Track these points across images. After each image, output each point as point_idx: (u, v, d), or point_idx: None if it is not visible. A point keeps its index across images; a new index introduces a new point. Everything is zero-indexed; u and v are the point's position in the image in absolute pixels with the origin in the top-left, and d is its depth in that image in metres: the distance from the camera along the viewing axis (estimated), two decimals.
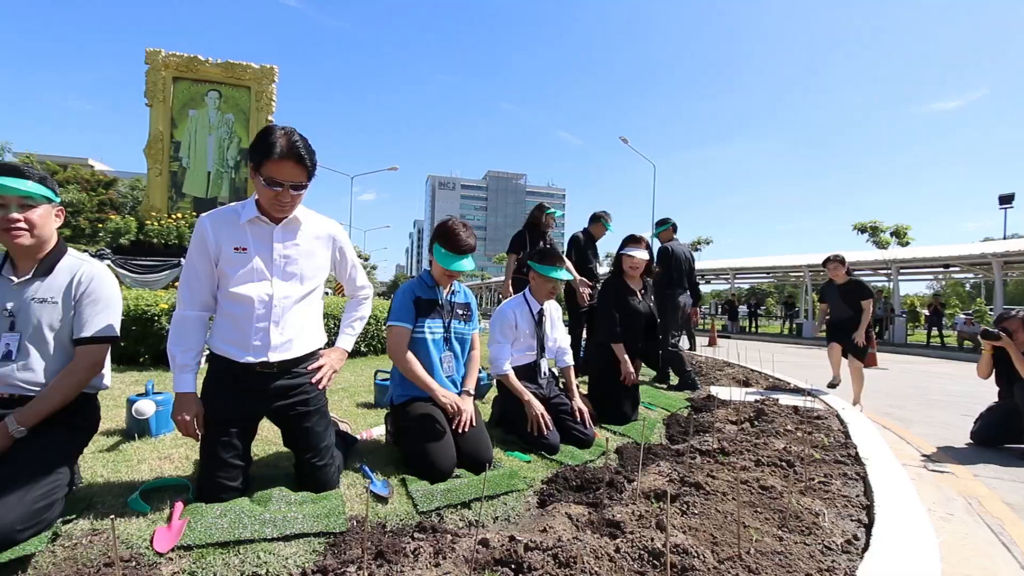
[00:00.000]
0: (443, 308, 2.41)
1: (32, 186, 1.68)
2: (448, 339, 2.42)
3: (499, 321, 2.83)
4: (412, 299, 2.36)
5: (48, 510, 1.54)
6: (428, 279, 2.45)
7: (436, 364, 2.35)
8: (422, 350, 2.33)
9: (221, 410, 1.80)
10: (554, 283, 2.89)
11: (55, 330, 1.73)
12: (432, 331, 2.36)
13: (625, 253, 3.42)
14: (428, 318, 2.35)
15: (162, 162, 7.39)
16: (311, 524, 1.69)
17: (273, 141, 1.69)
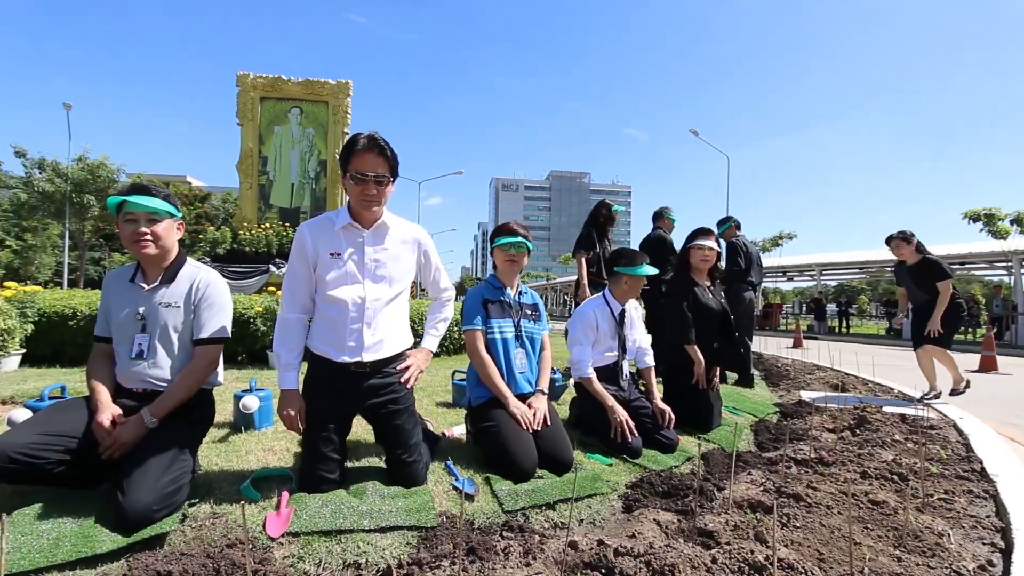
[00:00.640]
0: (511, 307, 2.47)
1: (157, 203, 1.87)
2: (519, 337, 2.46)
3: (580, 322, 2.80)
4: (480, 302, 2.44)
5: (177, 493, 1.71)
6: (494, 281, 2.53)
7: (511, 361, 2.41)
8: (495, 349, 2.40)
9: (320, 407, 1.91)
10: (641, 281, 2.85)
11: (178, 331, 1.91)
12: (503, 330, 2.42)
13: (695, 245, 3.25)
14: (498, 318, 2.43)
15: (252, 176, 8.01)
16: (404, 518, 1.75)
17: (356, 138, 1.87)
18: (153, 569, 1.45)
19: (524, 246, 2.45)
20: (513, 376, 2.40)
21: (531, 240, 2.49)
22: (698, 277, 3.29)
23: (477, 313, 2.41)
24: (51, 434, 1.70)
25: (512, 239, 2.42)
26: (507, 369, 2.40)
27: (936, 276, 4.18)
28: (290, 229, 7.74)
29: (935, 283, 4.17)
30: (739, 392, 4.13)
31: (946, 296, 4.12)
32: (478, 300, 2.45)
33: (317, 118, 8.01)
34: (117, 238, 31.47)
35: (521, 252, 2.44)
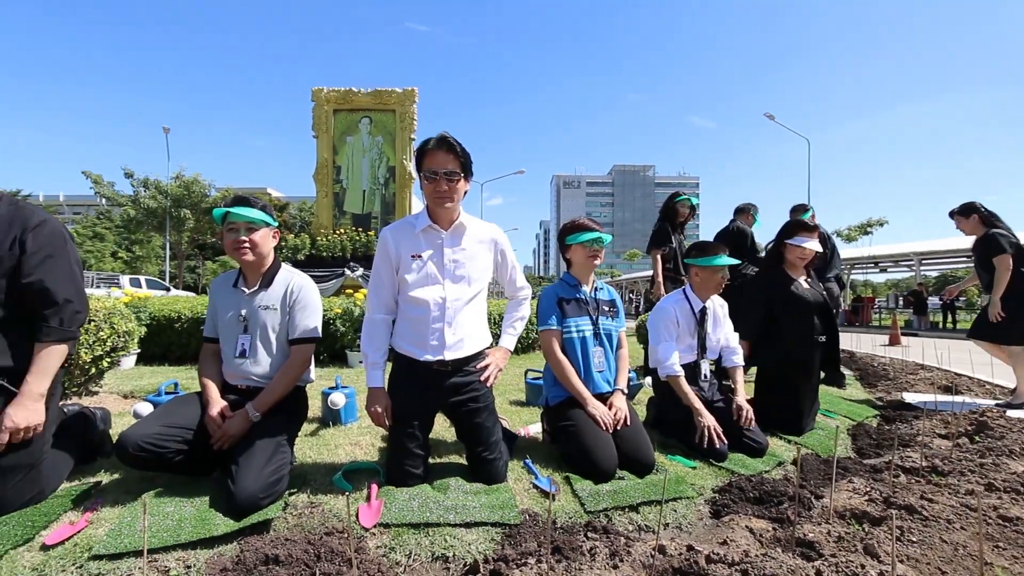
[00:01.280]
0: (588, 305, 2.42)
1: (256, 213, 2.02)
2: (597, 335, 2.40)
3: (660, 318, 2.71)
4: (555, 300, 2.40)
5: (280, 483, 1.83)
6: (569, 279, 2.47)
7: (590, 360, 2.36)
8: (572, 348, 2.36)
9: (405, 404, 1.98)
10: (722, 273, 2.71)
11: (275, 332, 2.05)
12: (580, 329, 2.37)
13: (794, 243, 2.99)
14: (575, 317, 2.38)
15: (327, 185, 8.47)
16: (487, 514, 1.78)
17: (428, 140, 1.92)
18: (263, 552, 1.56)
19: (603, 241, 2.39)
20: (591, 375, 2.36)
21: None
22: (792, 272, 3.06)
23: (552, 313, 2.38)
24: (171, 426, 1.87)
25: (592, 234, 2.35)
26: (585, 368, 2.36)
27: (991, 250, 3.59)
28: (362, 233, 8.10)
29: (990, 259, 3.59)
30: (832, 393, 3.84)
31: (1004, 274, 3.50)
32: (553, 300, 2.41)
33: (385, 126, 8.34)
34: (209, 247, 34.42)
35: (602, 247, 2.40)
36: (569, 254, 2.44)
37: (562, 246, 2.47)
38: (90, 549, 1.54)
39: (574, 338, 2.37)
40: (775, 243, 3.13)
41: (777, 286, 3.01)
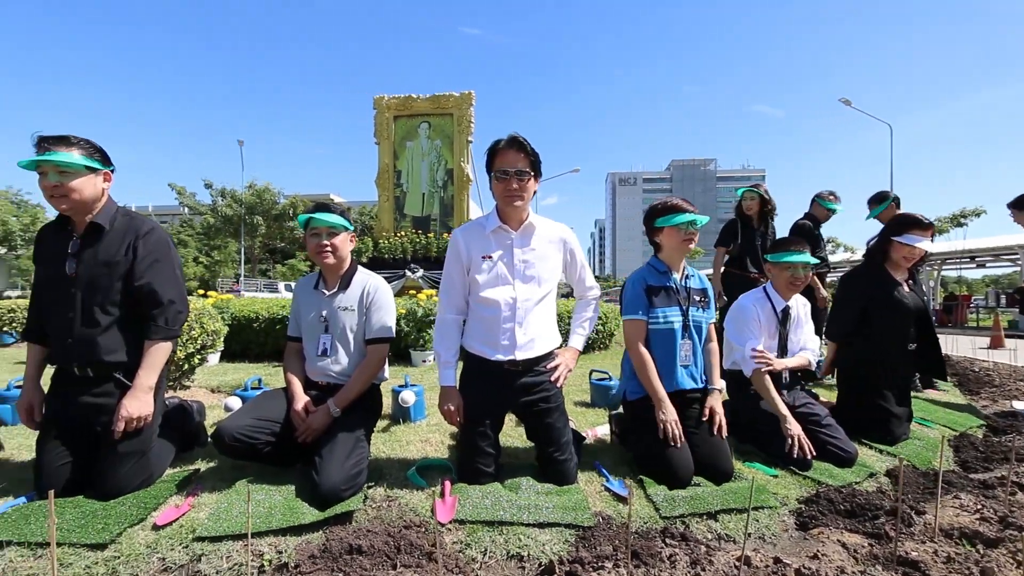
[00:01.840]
0: (679, 294, 2.23)
1: (335, 218, 2.11)
2: (686, 327, 2.21)
3: (743, 316, 2.55)
4: (643, 288, 2.21)
5: (360, 476, 1.90)
6: (659, 264, 2.26)
7: (676, 354, 2.19)
8: (659, 340, 2.19)
9: (476, 403, 2.01)
10: (793, 270, 2.51)
11: (353, 332, 2.14)
12: (669, 320, 2.18)
13: (904, 241, 2.67)
14: (664, 306, 2.19)
15: (388, 189, 8.76)
16: (560, 515, 1.77)
17: (498, 139, 1.94)
18: (346, 542, 1.63)
19: (699, 223, 2.19)
20: (674, 370, 2.19)
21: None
22: (895, 272, 2.77)
23: (640, 302, 2.20)
24: (261, 419, 2.00)
25: (688, 216, 2.14)
26: (669, 362, 2.19)
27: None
28: (422, 236, 8.32)
29: None
30: (928, 400, 3.52)
31: None
32: (641, 287, 2.22)
33: (443, 130, 8.52)
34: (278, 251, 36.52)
35: (697, 230, 2.20)
36: (659, 237, 2.24)
37: (650, 229, 2.28)
38: (194, 531, 1.67)
39: (661, 329, 2.18)
40: (880, 239, 2.86)
41: (878, 286, 2.74)
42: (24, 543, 1.62)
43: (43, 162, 1.75)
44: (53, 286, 1.88)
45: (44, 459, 1.89)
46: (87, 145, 1.83)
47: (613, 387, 3.23)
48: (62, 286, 1.85)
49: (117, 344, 1.87)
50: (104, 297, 1.84)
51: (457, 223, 8.37)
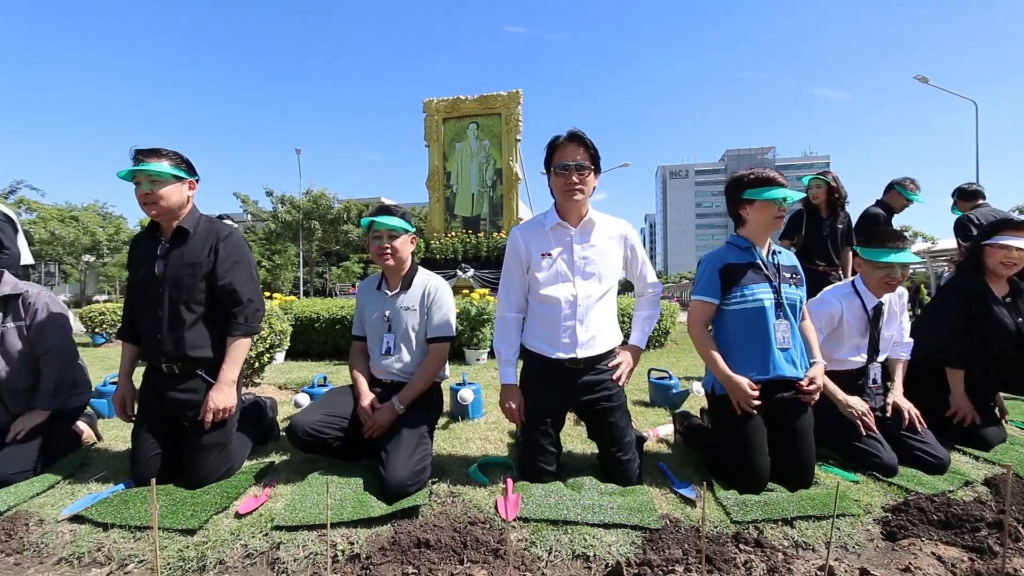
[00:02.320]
0: (766, 269, 2.03)
1: (396, 221, 2.16)
2: (780, 305, 2.00)
3: (818, 309, 2.35)
4: (719, 268, 2.03)
5: (424, 471, 1.94)
6: (740, 241, 2.08)
7: (771, 336, 1.97)
8: (745, 321, 1.98)
9: (537, 401, 2.00)
10: (890, 271, 2.24)
11: (416, 331, 2.19)
12: (757, 297, 1.97)
13: (997, 243, 2.38)
14: (752, 284, 1.99)
15: (439, 191, 8.93)
16: (626, 516, 1.73)
17: (557, 135, 1.93)
18: (414, 536, 1.66)
19: (791, 199, 2.01)
20: (771, 354, 1.96)
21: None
22: (995, 284, 2.46)
23: (712, 284, 2.03)
24: (331, 415, 2.08)
25: (783, 192, 1.95)
26: (765, 346, 1.97)
27: None
28: (472, 235, 8.42)
29: None
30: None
31: None
32: (715, 267, 2.04)
33: (492, 130, 8.59)
34: (333, 254, 38.03)
35: (787, 208, 2.03)
36: (746, 210, 2.03)
37: (735, 200, 2.06)
38: (272, 520, 1.76)
39: (748, 308, 1.98)
40: (973, 246, 2.54)
41: (974, 301, 2.44)
42: (125, 526, 1.76)
43: (138, 172, 1.90)
44: (144, 286, 2.04)
45: (138, 450, 2.05)
46: (175, 156, 1.98)
47: (674, 386, 3.15)
48: (152, 286, 2.01)
49: (202, 340, 2.00)
50: (188, 296, 1.98)
51: (506, 222, 8.41)
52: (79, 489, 2.07)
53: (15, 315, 2.18)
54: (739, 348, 2.01)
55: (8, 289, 2.18)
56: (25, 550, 1.73)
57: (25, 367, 2.20)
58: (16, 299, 2.19)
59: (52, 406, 2.23)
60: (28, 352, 2.20)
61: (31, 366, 2.22)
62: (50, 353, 2.22)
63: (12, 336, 2.16)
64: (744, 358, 1.99)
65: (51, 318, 2.24)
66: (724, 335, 2.07)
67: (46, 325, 2.22)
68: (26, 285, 2.24)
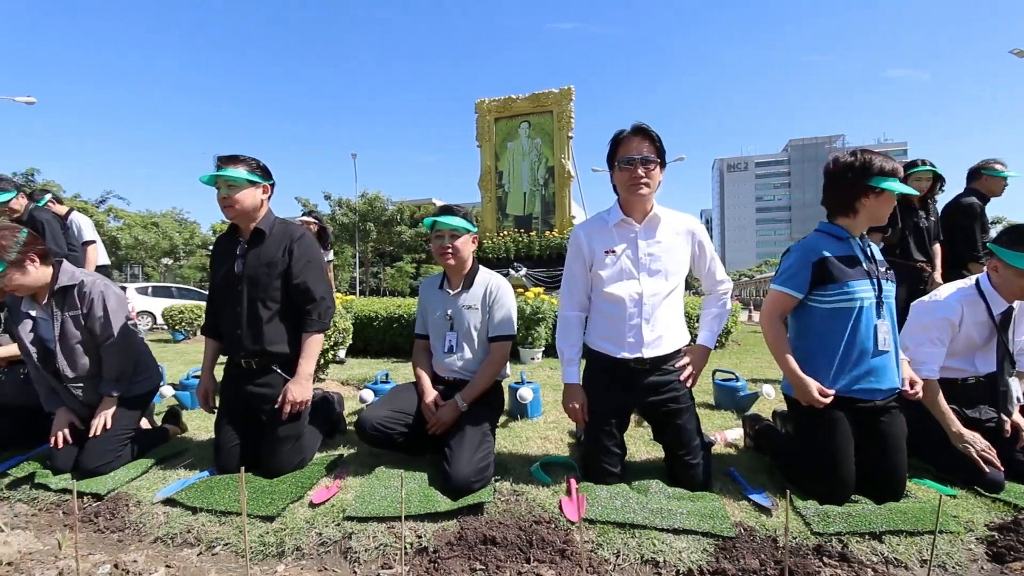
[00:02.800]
0: (866, 262, 1.84)
1: (458, 221, 2.19)
2: (880, 303, 1.80)
3: (935, 314, 2.08)
4: (813, 261, 1.82)
5: (487, 469, 1.96)
6: (838, 230, 1.86)
7: (869, 339, 1.78)
8: (847, 323, 1.79)
9: (601, 401, 1.97)
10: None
11: (477, 329, 2.21)
12: (860, 296, 1.77)
13: None
14: (853, 280, 1.78)
15: (491, 191, 8.99)
16: (697, 522, 1.67)
17: (621, 129, 1.89)
18: (480, 532, 1.67)
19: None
20: (870, 360, 1.77)
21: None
22: None
23: (800, 277, 1.83)
24: (397, 411, 2.14)
25: (898, 183, 1.76)
26: (862, 350, 1.78)
27: None
28: (524, 235, 8.42)
29: None
30: None
31: None
32: (809, 259, 1.83)
33: (543, 128, 8.55)
34: (387, 255, 39.26)
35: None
36: (868, 199, 1.79)
37: (856, 187, 1.79)
38: (343, 511, 1.82)
39: (849, 308, 1.78)
40: None
41: None
42: (211, 510, 1.88)
43: (217, 177, 2.03)
44: (225, 284, 2.17)
45: (220, 440, 2.18)
46: (251, 162, 2.10)
47: (741, 388, 3.01)
48: (232, 284, 2.13)
49: (278, 336, 2.11)
50: (265, 294, 2.09)
51: (558, 221, 8.35)
52: (169, 475, 2.23)
53: (71, 306, 2.21)
54: (829, 351, 1.82)
55: (65, 280, 2.21)
56: (126, 528, 1.88)
57: (88, 356, 2.26)
58: (72, 290, 2.21)
59: (118, 391, 2.29)
60: (88, 341, 2.25)
61: (94, 355, 2.27)
62: (108, 341, 2.24)
63: (70, 326, 2.20)
64: (835, 362, 1.81)
65: (107, 307, 2.24)
66: (810, 335, 1.89)
67: (102, 314, 2.23)
68: (82, 274, 2.27)
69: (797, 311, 1.93)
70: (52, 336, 2.20)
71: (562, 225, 8.28)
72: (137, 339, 2.42)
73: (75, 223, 4.21)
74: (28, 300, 2.23)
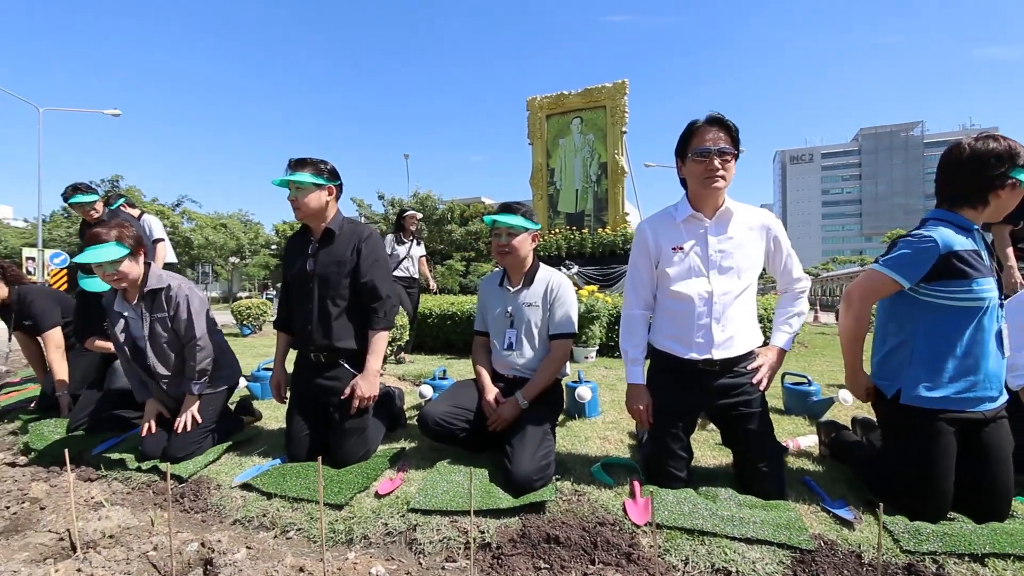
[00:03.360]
0: (987, 258, 1.66)
1: (516, 219, 2.18)
2: (1000, 305, 1.66)
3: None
4: (940, 254, 1.58)
5: (549, 467, 1.94)
6: (960, 219, 1.66)
7: (990, 342, 1.61)
8: (975, 322, 1.60)
9: (667, 403, 1.90)
10: None
11: (538, 327, 2.19)
12: (984, 296, 1.58)
13: None
14: (981, 277, 1.58)
15: (542, 188, 8.95)
16: (772, 533, 1.58)
17: (695, 120, 1.81)
18: (543, 531, 1.66)
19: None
20: (989, 368, 1.61)
21: None
22: None
23: (919, 265, 1.61)
24: (458, 407, 2.16)
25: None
26: (981, 354, 1.61)
27: None
28: (576, 232, 8.33)
29: None
30: None
31: None
32: (935, 250, 1.59)
33: (596, 123, 8.42)
34: (437, 253, 40.09)
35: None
36: (1005, 191, 1.60)
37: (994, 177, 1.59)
38: (407, 503, 1.86)
39: (974, 308, 1.58)
40: None
41: None
42: (285, 496, 1.97)
43: (288, 181, 2.12)
44: (297, 282, 2.27)
45: (291, 430, 2.28)
46: (320, 165, 2.18)
47: (814, 393, 2.84)
48: (303, 281, 2.23)
49: (346, 332, 2.19)
50: (335, 291, 2.17)
51: (611, 217, 8.21)
52: (244, 461, 2.36)
53: (158, 308, 2.35)
54: (942, 353, 1.64)
55: (153, 283, 2.34)
56: (208, 510, 2.01)
57: (174, 353, 2.41)
58: (160, 293, 2.35)
59: (200, 389, 2.42)
60: (174, 341, 2.40)
61: (179, 353, 2.42)
62: (192, 341, 2.37)
63: (158, 327, 2.35)
64: (947, 366, 1.63)
65: (191, 310, 2.38)
66: (919, 333, 1.67)
67: (187, 316, 2.37)
68: (169, 278, 2.41)
69: (898, 303, 1.72)
70: (143, 335, 2.37)
71: (615, 222, 8.13)
72: (218, 339, 2.57)
73: (146, 223, 4.63)
74: (121, 300, 2.40)
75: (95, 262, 2.17)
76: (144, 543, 1.66)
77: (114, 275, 2.23)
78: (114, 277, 2.24)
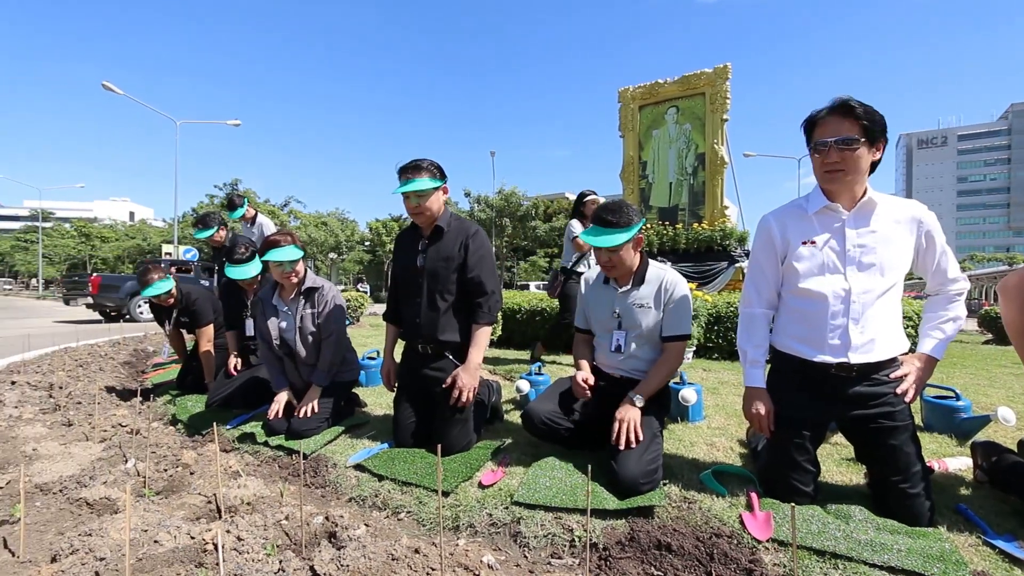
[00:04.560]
0: None
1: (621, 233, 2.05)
2: None
3: None
4: None
5: (657, 471, 1.86)
6: None
7: None
8: None
9: (793, 410, 1.75)
10: None
11: (649, 328, 2.10)
12: None
13: None
14: None
15: (633, 182, 8.67)
16: (921, 563, 1.40)
17: (819, 108, 1.64)
18: (653, 537, 1.60)
19: None
20: None
21: None
22: None
23: None
24: (563, 406, 2.15)
25: None
26: None
27: None
28: (669, 227, 7.99)
29: None
30: None
31: None
32: None
33: (693, 112, 7.99)
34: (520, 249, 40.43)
35: None
36: None
37: None
38: (510, 496, 1.87)
39: None
40: None
41: None
42: (395, 479, 2.07)
43: (411, 192, 2.21)
44: (406, 277, 2.37)
45: (399, 416, 2.40)
46: (432, 167, 2.25)
47: (963, 408, 2.47)
48: (413, 276, 2.32)
49: (451, 326, 2.26)
50: (443, 286, 2.24)
51: (708, 211, 7.77)
52: (356, 443, 2.52)
53: (311, 304, 2.70)
54: None
55: (310, 282, 2.73)
56: (327, 486, 2.16)
57: (314, 346, 2.74)
58: (315, 292, 2.72)
59: (326, 382, 2.71)
60: (316, 334, 2.72)
61: (317, 345, 2.74)
62: (331, 338, 2.70)
63: (307, 321, 2.69)
64: None
65: (334, 309, 2.73)
66: None
67: (330, 314, 2.71)
68: (321, 280, 2.78)
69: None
70: (293, 326, 2.70)
71: (712, 216, 7.69)
72: (347, 338, 2.87)
73: (260, 222, 5.19)
74: (277, 296, 2.77)
75: (278, 260, 2.56)
76: (276, 512, 1.82)
77: (290, 273, 2.62)
78: (289, 274, 2.62)
